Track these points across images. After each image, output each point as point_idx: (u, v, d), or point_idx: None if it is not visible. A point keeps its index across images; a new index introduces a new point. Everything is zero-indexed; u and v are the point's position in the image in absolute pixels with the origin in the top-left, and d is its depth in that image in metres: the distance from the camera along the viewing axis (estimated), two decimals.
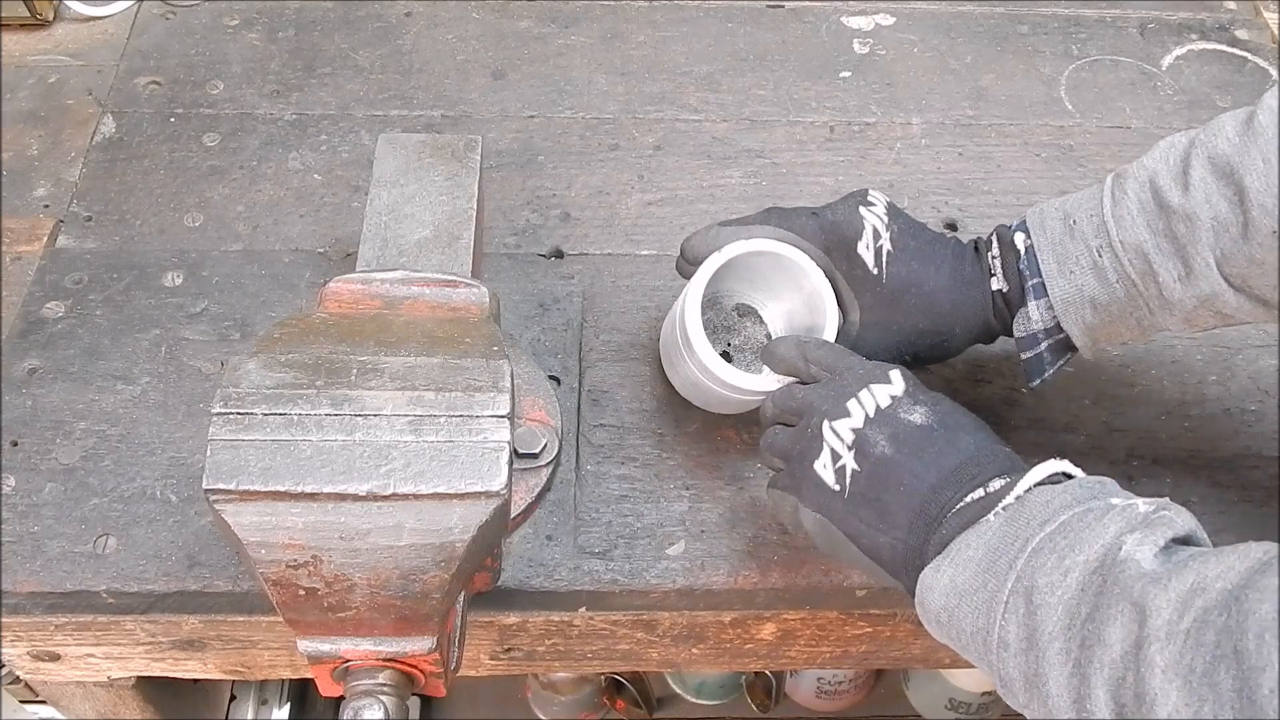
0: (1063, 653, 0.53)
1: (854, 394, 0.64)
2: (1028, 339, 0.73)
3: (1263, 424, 0.85)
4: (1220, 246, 0.66)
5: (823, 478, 0.64)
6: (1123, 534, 0.54)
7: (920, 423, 0.63)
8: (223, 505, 0.59)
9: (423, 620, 0.62)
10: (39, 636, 0.78)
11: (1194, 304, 0.68)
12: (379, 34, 1.09)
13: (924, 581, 0.60)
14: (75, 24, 1.10)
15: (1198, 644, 0.47)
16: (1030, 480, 0.59)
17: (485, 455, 0.61)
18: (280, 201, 0.95)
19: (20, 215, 0.94)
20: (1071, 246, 0.71)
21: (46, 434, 0.80)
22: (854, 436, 0.63)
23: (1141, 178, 0.69)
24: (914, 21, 1.13)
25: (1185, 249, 0.67)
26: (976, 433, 0.64)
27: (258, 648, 0.81)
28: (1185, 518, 0.56)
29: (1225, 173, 0.65)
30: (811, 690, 1.54)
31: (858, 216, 0.74)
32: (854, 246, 0.73)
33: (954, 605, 0.58)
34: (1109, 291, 0.70)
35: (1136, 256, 0.69)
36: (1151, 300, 0.70)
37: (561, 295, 0.90)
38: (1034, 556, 0.55)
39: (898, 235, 0.74)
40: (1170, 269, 0.68)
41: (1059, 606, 0.53)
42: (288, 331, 0.67)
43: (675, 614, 0.79)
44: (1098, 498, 0.57)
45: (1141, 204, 0.69)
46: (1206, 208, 0.66)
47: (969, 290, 0.74)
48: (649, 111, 1.04)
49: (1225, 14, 1.16)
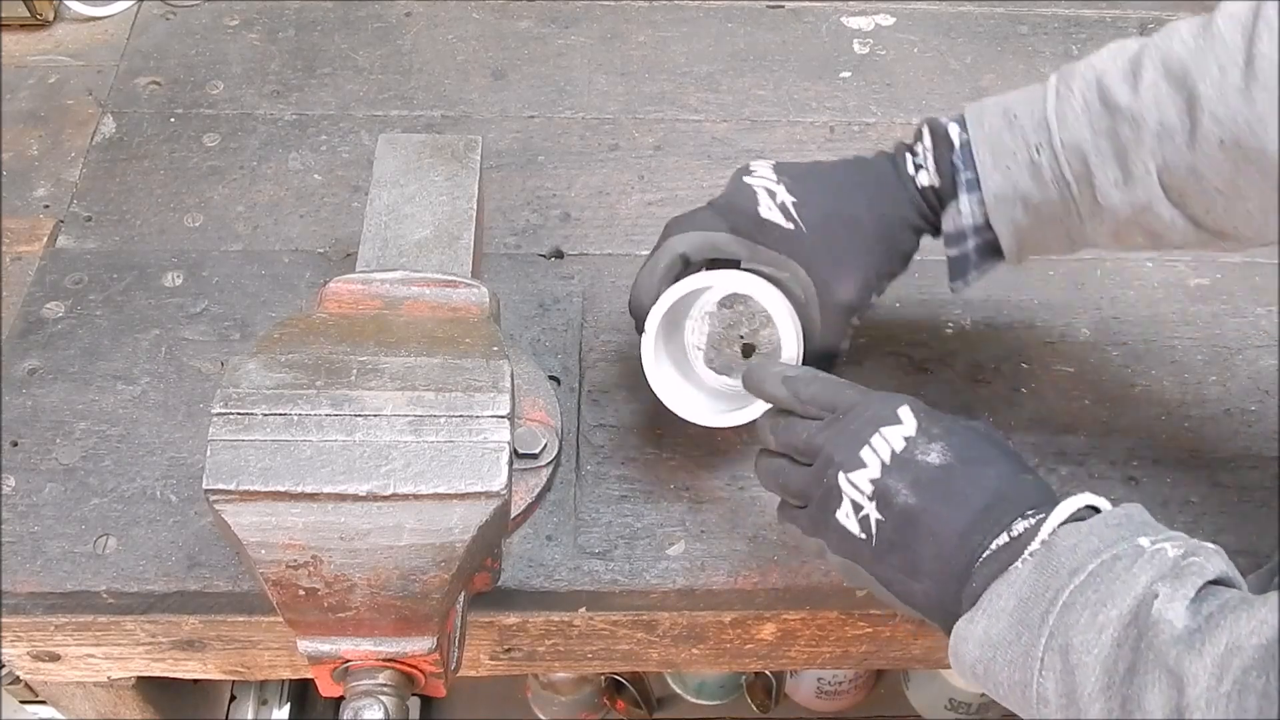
0: (1103, 713, 0.52)
1: (866, 440, 0.62)
2: (955, 235, 0.72)
3: (1263, 424, 0.85)
4: (1163, 152, 0.64)
5: (847, 527, 0.62)
6: (1154, 583, 0.53)
7: (939, 463, 0.61)
8: (223, 505, 0.59)
9: (423, 620, 0.62)
10: (39, 636, 0.78)
11: (1127, 212, 0.66)
12: (379, 34, 1.09)
13: (958, 633, 0.59)
14: (75, 24, 1.10)
15: (1240, 709, 0.47)
16: (1055, 520, 0.57)
17: (485, 455, 0.61)
18: (280, 202, 0.95)
19: (20, 215, 0.94)
20: (1009, 141, 0.69)
21: (46, 434, 0.80)
22: (873, 488, 0.61)
23: (1089, 77, 0.67)
24: (914, 21, 1.13)
25: (1126, 153, 0.65)
26: (999, 462, 0.61)
27: (258, 648, 0.81)
28: (1215, 561, 0.55)
29: (1178, 76, 0.63)
30: (811, 690, 1.53)
31: (746, 188, 0.73)
32: (756, 215, 0.72)
33: (989, 657, 0.57)
34: (1042, 191, 0.68)
35: (1075, 157, 0.67)
36: (1085, 205, 0.68)
37: (561, 295, 0.90)
38: (1066, 611, 0.54)
39: (792, 184, 0.72)
40: (1108, 172, 0.66)
41: (1096, 666, 0.53)
42: (288, 332, 0.67)
43: (675, 614, 0.79)
44: (1125, 539, 0.56)
45: (1086, 103, 0.67)
46: (1154, 111, 0.64)
47: (887, 190, 0.72)
48: (649, 111, 1.04)
49: None
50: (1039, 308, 0.90)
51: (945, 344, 0.88)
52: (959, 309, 0.90)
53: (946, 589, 0.60)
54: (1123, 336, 0.90)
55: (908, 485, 0.60)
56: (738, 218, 0.72)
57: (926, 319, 0.89)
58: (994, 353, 0.88)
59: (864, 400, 0.64)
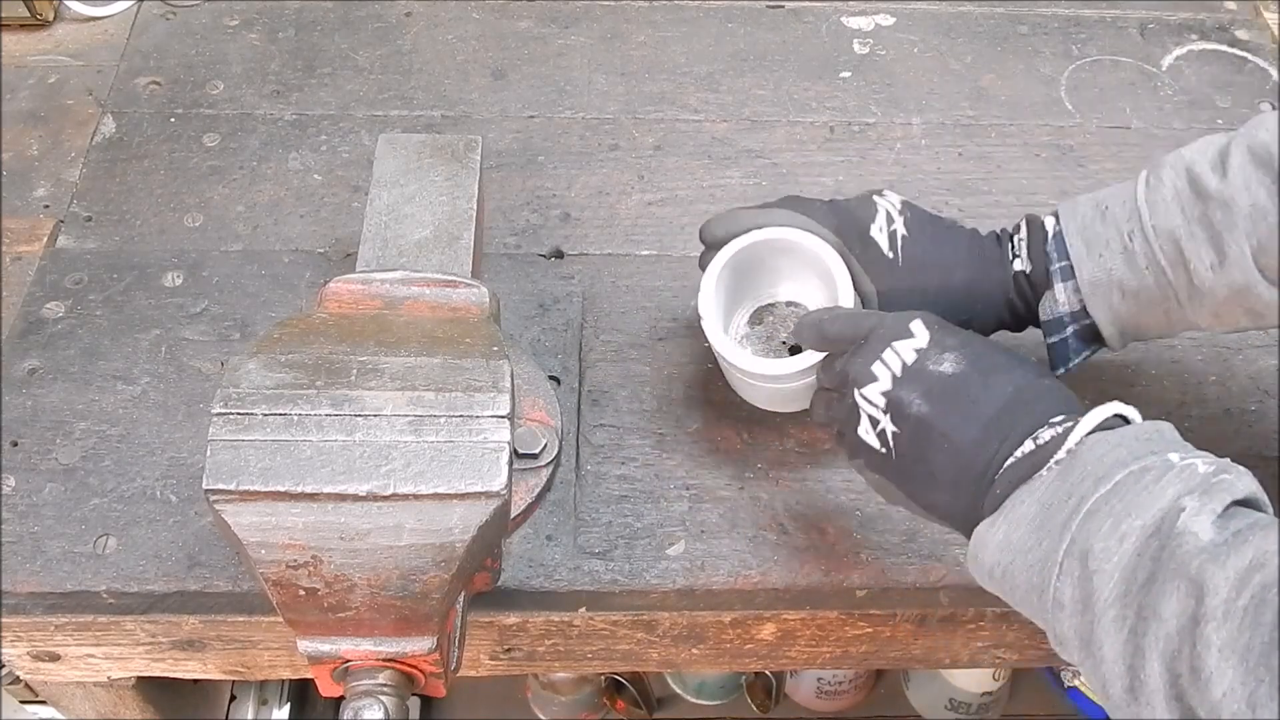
0: (1118, 620, 0.52)
1: (878, 355, 0.63)
2: (1053, 322, 0.73)
3: (1263, 424, 0.85)
4: (1257, 235, 0.65)
5: (869, 443, 0.64)
6: (1181, 497, 0.53)
7: (952, 371, 0.61)
8: (223, 505, 0.59)
9: (423, 620, 0.62)
10: (39, 636, 0.78)
11: (1225, 294, 0.67)
12: (379, 34, 1.09)
13: (978, 536, 0.59)
14: (75, 24, 1.10)
15: (1256, 623, 0.47)
16: (1083, 429, 0.57)
17: (485, 455, 0.61)
18: (280, 201, 0.95)
19: (20, 215, 0.94)
20: (1102, 230, 0.71)
21: (46, 434, 0.80)
22: (885, 400, 0.62)
23: (1179, 166, 0.69)
24: (914, 21, 1.13)
25: (1220, 236, 0.66)
26: (1015, 370, 0.62)
27: (258, 648, 0.81)
28: (1245, 480, 0.54)
29: (1264, 160, 0.65)
30: (811, 690, 1.53)
31: (870, 203, 0.75)
32: (866, 230, 0.74)
33: (1008, 561, 0.57)
34: (1138, 277, 0.70)
35: (1168, 242, 0.68)
36: (1181, 289, 0.69)
37: (561, 295, 0.90)
38: (1089, 519, 0.54)
39: (911, 220, 0.75)
40: (1203, 256, 0.67)
41: (1115, 573, 0.52)
42: (288, 332, 0.67)
43: (675, 614, 0.79)
44: (1155, 452, 0.56)
45: (1177, 190, 0.68)
46: (1245, 194, 0.65)
47: (987, 269, 0.74)
48: (649, 111, 1.04)
49: (1225, 14, 1.16)
50: None
51: None
52: None
53: (966, 496, 0.60)
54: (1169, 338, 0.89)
55: (920, 395, 0.61)
56: (848, 223, 0.75)
57: None
58: None
59: (881, 320, 0.66)
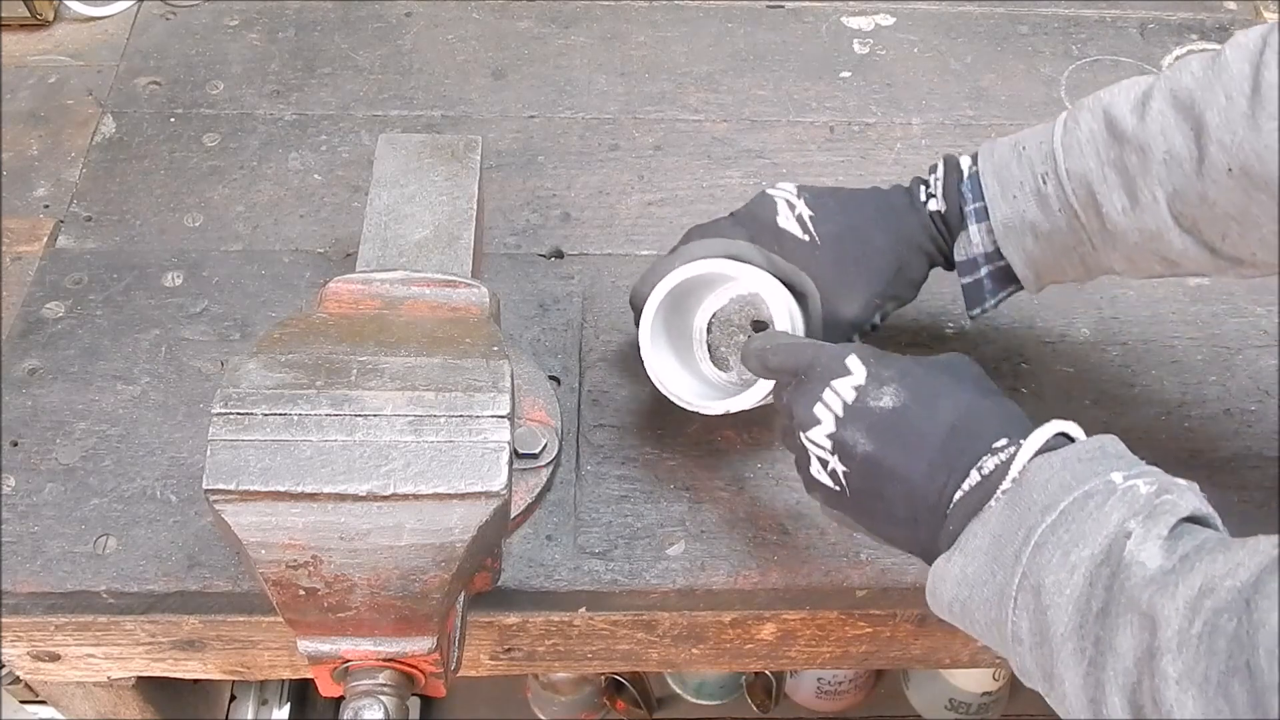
0: (1076, 653, 0.52)
1: (818, 396, 0.63)
2: (967, 263, 0.74)
3: (1263, 424, 0.85)
4: (1172, 181, 0.65)
5: (822, 481, 0.63)
6: (1125, 520, 0.53)
7: (892, 405, 0.61)
8: (223, 505, 0.59)
9: (423, 620, 0.62)
10: (39, 636, 0.78)
11: (1137, 238, 0.67)
12: (379, 34, 1.09)
13: (936, 572, 0.59)
14: (75, 24, 1.10)
15: (1210, 652, 0.47)
16: (1026, 454, 0.57)
17: (485, 455, 0.61)
18: (280, 201, 0.95)
19: (20, 215, 0.94)
20: (1016, 171, 0.71)
21: (46, 434, 0.80)
22: (831, 442, 0.62)
23: (1096, 109, 0.69)
24: (914, 22, 1.13)
25: (1133, 180, 0.66)
26: (955, 394, 0.61)
27: (258, 648, 0.81)
28: (1188, 498, 0.54)
29: (1185, 106, 0.64)
30: (811, 690, 1.53)
31: (767, 199, 0.76)
32: (774, 224, 0.75)
33: (966, 596, 0.57)
34: (1051, 219, 0.70)
35: (1080, 185, 0.68)
36: (1094, 233, 0.69)
37: (561, 295, 0.90)
38: (1038, 551, 0.54)
39: (812, 199, 0.75)
40: (1115, 199, 0.67)
41: (1068, 606, 0.53)
42: (288, 332, 0.67)
43: (675, 614, 0.79)
44: (1098, 474, 0.55)
45: (1093, 133, 0.68)
46: (1161, 140, 0.65)
47: (901, 216, 0.75)
48: (649, 111, 1.04)
49: (1225, 14, 1.16)
50: (1039, 308, 0.90)
51: (945, 345, 0.88)
52: (959, 310, 0.89)
53: (922, 530, 0.60)
54: (1123, 336, 0.90)
55: (863, 433, 0.61)
56: (756, 226, 0.75)
57: (926, 320, 0.89)
58: (994, 353, 0.88)
59: (816, 355, 0.65)
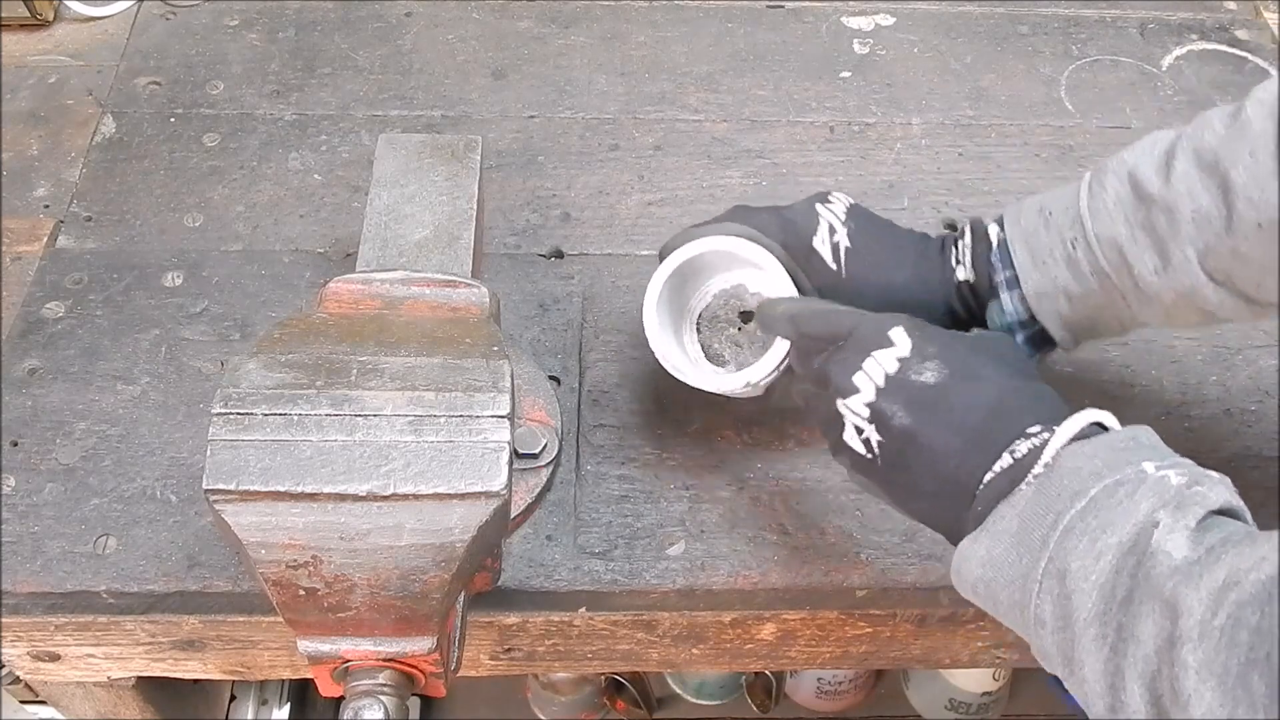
0: (1098, 639, 0.52)
1: (859, 365, 0.63)
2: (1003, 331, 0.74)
3: (1263, 424, 0.85)
4: (1202, 239, 0.65)
5: (854, 448, 0.63)
6: (1155, 511, 0.53)
7: (933, 381, 0.61)
8: (223, 505, 0.59)
9: (423, 620, 0.62)
10: (39, 636, 0.78)
11: (1173, 297, 0.67)
12: (379, 34, 1.09)
13: (961, 552, 0.59)
14: (75, 24, 1.10)
15: (1232, 643, 0.47)
16: (1059, 441, 0.57)
17: (485, 455, 0.61)
18: (280, 201, 0.95)
19: (20, 215, 0.94)
20: (1045, 239, 0.71)
21: (46, 434, 0.80)
22: (869, 411, 0.62)
23: (1121, 172, 0.69)
24: (914, 21, 1.13)
25: (1164, 242, 0.66)
26: (995, 376, 0.61)
27: (258, 648, 0.81)
28: (1220, 490, 0.54)
29: (1210, 165, 0.65)
30: (811, 690, 1.53)
31: (813, 213, 0.75)
32: (809, 242, 0.74)
33: (990, 577, 0.57)
34: (1083, 283, 0.70)
35: (1110, 249, 0.68)
36: (1128, 293, 0.69)
37: (561, 295, 0.90)
38: (1065, 536, 0.54)
39: (855, 232, 0.75)
40: (1146, 261, 0.67)
41: (1093, 592, 0.53)
42: (288, 332, 0.67)
43: (675, 614, 0.79)
44: (1130, 462, 0.55)
45: (1119, 197, 0.68)
46: (1188, 200, 0.65)
47: (929, 280, 0.74)
48: (649, 111, 1.04)
49: (1225, 14, 1.16)
50: None
51: None
52: None
53: (950, 508, 0.60)
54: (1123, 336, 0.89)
55: (902, 406, 0.61)
56: (793, 235, 0.75)
57: None
58: None
59: (860, 324, 0.65)
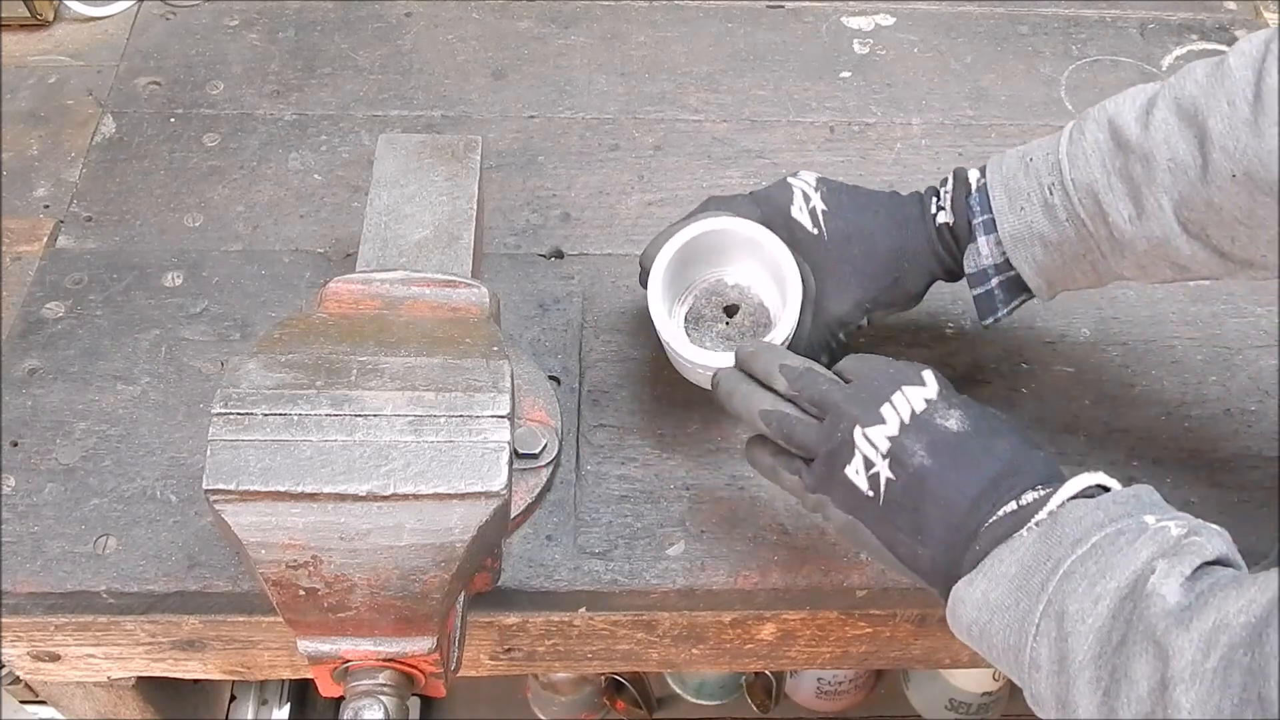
0: (1093, 681, 0.53)
1: (887, 397, 0.62)
2: (977, 274, 0.74)
3: (1263, 424, 0.85)
4: (1177, 188, 0.65)
5: (855, 483, 0.62)
6: (1154, 559, 0.53)
7: (956, 429, 0.61)
8: (223, 505, 0.59)
9: (423, 620, 0.62)
10: (39, 636, 0.78)
11: (1145, 246, 0.68)
12: (379, 34, 1.09)
13: (957, 594, 0.59)
14: (75, 24, 1.10)
15: (1224, 685, 0.47)
16: (1065, 494, 0.58)
17: (485, 455, 0.61)
18: (280, 201, 0.95)
19: (20, 215, 0.94)
20: (1023, 182, 0.71)
21: (46, 434, 0.80)
22: (889, 445, 0.61)
23: (1101, 119, 0.69)
24: (914, 22, 1.13)
25: (1139, 189, 0.67)
26: (1011, 436, 0.62)
27: (258, 648, 0.81)
28: (1215, 542, 0.55)
29: (1189, 114, 0.65)
30: (811, 690, 1.53)
31: (786, 186, 0.77)
32: (788, 212, 0.76)
33: (986, 620, 0.58)
34: (1058, 229, 0.70)
35: (1087, 195, 0.69)
36: (1102, 241, 0.69)
37: (561, 295, 0.90)
38: (1065, 580, 0.55)
39: (828, 194, 0.76)
40: (1120, 209, 0.67)
41: (1089, 635, 0.53)
42: (288, 332, 0.67)
43: (675, 614, 0.79)
44: (1131, 515, 0.56)
45: (1098, 143, 0.69)
46: (1165, 148, 0.65)
47: (909, 228, 0.75)
48: (649, 111, 1.04)
49: (1225, 14, 1.16)
50: (1039, 308, 0.90)
51: (945, 344, 0.88)
52: (959, 310, 0.90)
53: (950, 553, 0.60)
54: (1123, 336, 0.90)
55: (924, 447, 0.60)
56: (770, 210, 0.77)
57: (926, 320, 0.89)
58: (994, 353, 0.88)
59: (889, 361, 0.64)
